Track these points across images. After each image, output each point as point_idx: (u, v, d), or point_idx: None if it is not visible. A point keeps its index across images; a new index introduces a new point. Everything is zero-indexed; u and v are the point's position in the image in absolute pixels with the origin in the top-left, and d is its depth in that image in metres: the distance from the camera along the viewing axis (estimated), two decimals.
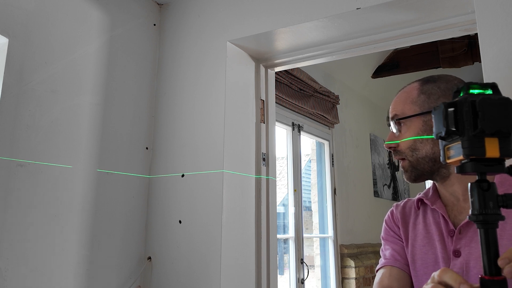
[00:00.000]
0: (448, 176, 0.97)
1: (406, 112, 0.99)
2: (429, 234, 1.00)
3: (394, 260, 1.06)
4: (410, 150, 0.98)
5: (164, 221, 1.82)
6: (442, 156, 0.71)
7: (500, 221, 0.67)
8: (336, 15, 1.62)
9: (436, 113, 0.69)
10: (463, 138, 0.65)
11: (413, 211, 1.07)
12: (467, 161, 0.66)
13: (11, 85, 1.38)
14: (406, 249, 1.06)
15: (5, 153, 1.34)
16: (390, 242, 1.10)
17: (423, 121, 0.98)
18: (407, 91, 1.03)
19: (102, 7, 1.74)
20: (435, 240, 0.98)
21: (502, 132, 0.63)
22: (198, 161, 1.80)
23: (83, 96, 1.63)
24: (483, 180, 0.66)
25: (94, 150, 1.65)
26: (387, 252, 1.09)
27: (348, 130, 4.05)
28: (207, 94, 1.85)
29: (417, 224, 1.04)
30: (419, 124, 0.98)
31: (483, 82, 0.70)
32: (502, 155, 0.64)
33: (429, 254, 0.98)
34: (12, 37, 1.40)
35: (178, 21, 2.01)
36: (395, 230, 1.10)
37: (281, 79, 2.92)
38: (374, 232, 4.25)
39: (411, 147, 0.98)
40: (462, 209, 0.97)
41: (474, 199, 0.66)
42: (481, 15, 1.36)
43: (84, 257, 1.56)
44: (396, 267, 1.05)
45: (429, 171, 0.98)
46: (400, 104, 1.02)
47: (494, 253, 0.65)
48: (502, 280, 0.63)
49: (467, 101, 0.65)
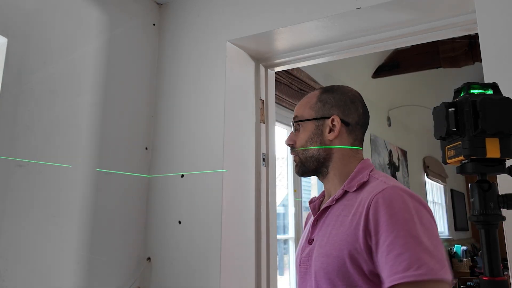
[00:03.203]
0: (327, 175, 1.11)
1: (304, 116, 1.13)
2: (306, 228, 1.15)
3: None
4: (302, 149, 1.12)
5: (163, 221, 1.82)
6: (443, 157, 0.71)
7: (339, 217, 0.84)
8: (336, 15, 1.62)
9: (437, 113, 0.69)
10: (464, 139, 0.65)
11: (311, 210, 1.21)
12: (468, 162, 0.65)
13: (10, 85, 1.37)
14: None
15: (4, 153, 1.34)
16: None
17: (316, 126, 1.11)
18: (308, 97, 1.17)
19: (101, 7, 1.74)
20: (306, 232, 1.12)
21: (503, 133, 0.63)
22: (197, 161, 1.80)
23: (82, 96, 1.63)
24: (483, 180, 0.66)
25: (93, 150, 1.64)
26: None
27: None
28: (207, 94, 1.84)
29: (307, 223, 1.19)
30: (313, 127, 1.11)
31: (484, 82, 0.69)
32: (503, 155, 0.63)
33: (300, 245, 1.12)
34: (11, 37, 1.39)
35: (178, 21, 2.01)
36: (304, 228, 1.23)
37: (281, 79, 2.92)
38: None
39: (303, 147, 1.12)
40: (325, 203, 1.10)
41: (474, 199, 0.66)
42: (481, 15, 1.36)
43: (83, 258, 1.56)
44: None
45: (313, 169, 1.12)
46: (301, 108, 1.15)
47: (495, 254, 0.64)
48: (503, 281, 0.63)
49: (468, 101, 0.65)
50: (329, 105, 1.11)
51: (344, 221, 0.97)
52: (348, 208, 0.99)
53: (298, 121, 1.13)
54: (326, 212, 1.06)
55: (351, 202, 1.00)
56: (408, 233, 0.85)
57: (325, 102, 1.12)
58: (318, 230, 1.05)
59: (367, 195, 0.96)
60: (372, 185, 1.00)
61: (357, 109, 1.11)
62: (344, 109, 1.10)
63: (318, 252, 0.99)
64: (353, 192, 1.02)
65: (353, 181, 1.05)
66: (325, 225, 1.03)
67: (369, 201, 0.93)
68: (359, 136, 1.12)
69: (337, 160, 1.09)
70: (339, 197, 1.04)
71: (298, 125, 1.13)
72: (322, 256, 0.97)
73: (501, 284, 0.62)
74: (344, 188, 1.04)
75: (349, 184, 1.04)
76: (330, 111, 1.10)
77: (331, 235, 0.98)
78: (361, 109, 1.12)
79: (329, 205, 1.05)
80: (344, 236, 0.94)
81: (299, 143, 1.12)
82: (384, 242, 0.87)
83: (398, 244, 0.85)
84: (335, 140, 1.09)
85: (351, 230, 0.93)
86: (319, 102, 1.12)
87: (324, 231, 1.02)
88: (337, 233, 0.96)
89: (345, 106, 1.10)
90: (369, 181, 1.03)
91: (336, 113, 1.09)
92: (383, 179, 1.00)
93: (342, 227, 0.96)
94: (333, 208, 1.04)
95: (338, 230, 0.97)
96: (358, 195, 1.00)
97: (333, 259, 0.93)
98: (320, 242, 1.01)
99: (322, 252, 0.97)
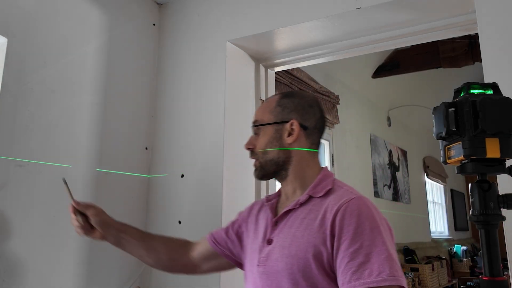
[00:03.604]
0: (286, 178, 1.14)
1: (264, 120, 1.15)
2: (257, 226, 1.18)
3: (210, 235, 1.30)
4: (262, 153, 1.13)
5: (163, 221, 1.81)
6: (443, 157, 0.71)
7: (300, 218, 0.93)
8: (336, 15, 1.62)
9: (437, 113, 0.69)
10: (464, 138, 0.65)
11: (257, 208, 1.24)
12: (468, 162, 0.65)
13: (10, 85, 1.37)
14: (241, 242, 1.24)
15: (4, 153, 1.34)
16: (228, 226, 1.29)
17: (275, 129, 1.13)
18: (268, 101, 1.19)
19: (101, 7, 1.74)
20: (259, 232, 1.15)
21: (503, 133, 0.63)
22: (198, 161, 1.80)
23: (82, 96, 1.63)
24: (483, 180, 0.66)
25: (93, 150, 1.64)
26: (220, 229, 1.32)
27: (348, 130, 4.05)
28: (207, 94, 1.84)
29: (252, 220, 1.22)
30: (272, 131, 1.13)
31: (484, 82, 0.69)
32: (503, 155, 0.63)
33: (254, 244, 1.15)
34: (11, 37, 1.39)
35: (178, 20, 2.01)
36: (239, 222, 1.27)
37: (281, 79, 2.92)
38: None
39: (263, 151, 1.13)
40: (285, 206, 1.12)
41: (474, 199, 0.66)
42: (481, 15, 1.36)
43: (83, 258, 1.56)
44: (207, 239, 1.30)
45: (273, 172, 1.14)
46: (261, 112, 1.17)
47: (495, 254, 0.64)
48: (503, 281, 0.63)
49: (468, 101, 0.65)
50: (288, 110, 1.14)
51: (310, 225, 1.02)
52: (314, 213, 1.04)
53: (258, 125, 1.15)
54: (288, 215, 1.09)
55: (317, 207, 1.05)
56: (372, 242, 0.92)
57: (284, 106, 1.14)
58: (278, 232, 1.08)
59: (334, 202, 1.02)
60: (338, 193, 1.06)
61: (315, 114, 1.15)
62: (302, 113, 1.13)
63: (282, 253, 1.03)
64: (318, 197, 1.07)
65: (318, 187, 1.09)
66: (287, 227, 1.07)
67: (337, 208, 0.99)
68: (316, 140, 1.16)
69: (296, 163, 1.12)
70: (303, 201, 1.08)
71: (258, 129, 1.15)
72: (286, 256, 1.01)
73: (501, 284, 0.62)
74: (308, 193, 1.08)
75: (314, 190, 1.08)
76: (289, 115, 1.13)
77: (296, 237, 1.02)
78: (318, 114, 1.16)
79: (292, 208, 1.09)
80: (311, 239, 0.99)
81: (259, 146, 1.14)
82: (347, 249, 0.93)
83: (363, 252, 0.91)
84: (293, 144, 1.12)
85: (318, 234, 0.99)
86: (278, 106, 1.15)
87: (287, 233, 1.06)
88: (303, 235, 1.01)
89: (304, 111, 1.13)
90: (334, 189, 1.08)
91: (294, 117, 1.12)
92: (348, 189, 1.07)
93: (308, 230, 1.01)
94: (297, 211, 1.08)
95: (303, 233, 1.02)
96: (324, 201, 1.05)
97: (298, 260, 0.98)
98: (283, 243, 1.04)
99: (286, 253, 1.02)
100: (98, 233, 1.26)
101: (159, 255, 1.31)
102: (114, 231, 1.27)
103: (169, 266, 1.35)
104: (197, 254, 1.32)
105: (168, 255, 1.32)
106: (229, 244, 1.27)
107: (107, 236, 1.27)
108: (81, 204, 1.25)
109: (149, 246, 1.30)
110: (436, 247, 5.86)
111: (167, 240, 1.34)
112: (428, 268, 4.54)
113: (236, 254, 1.27)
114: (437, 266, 4.85)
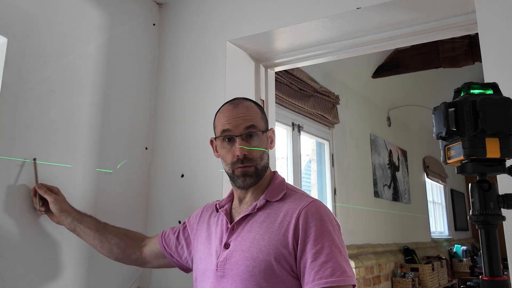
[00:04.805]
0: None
1: (260, 126, 1.17)
2: (209, 232, 1.20)
3: (161, 236, 1.36)
4: (260, 158, 1.15)
5: (163, 221, 1.81)
6: (443, 157, 0.71)
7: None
8: (336, 15, 1.62)
9: (437, 113, 0.69)
10: (464, 138, 0.65)
11: (208, 214, 1.27)
12: (468, 162, 0.65)
13: (10, 85, 1.37)
14: (189, 247, 1.29)
15: (4, 153, 1.34)
16: (179, 227, 1.35)
17: (265, 136, 1.19)
18: (254, 109, 1.20)
19: (101, 7, 1.74)
20: (214, 237, 1.17)
21: (503, 133, 0.63)
22: (197, 161, 1.80)
23: (82, 96, 1.63)
24: (483, 180, 0.66)
25: (93, 150, 1.64)
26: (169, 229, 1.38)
27: (348, 130, 4.05)
28: (207, 94, 1.84)
29: (202, 226, 1.25)
30: (264, 138, 1.18)
31: (484, 82, 0.69)
32: (502, 155, 0.63)
33: (208, 249, 1.17)
34: (11, 37, 1.39)
35: (178, 20, 2.01)
36: (189, 228, 1.31)
37: (281, 79, 2.92)
38: (374, 232, 4.24)
39: (260, 156, 1.15)
40: (241, 211, 1.16)
41: (474, 199, 0.66)
42: (481, 15, 1.36)
43: (83, 257, 1.56)
44: (157, 239, 1.37)
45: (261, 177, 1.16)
46: (256, 118, 1.18)
47: (495, 254, 0.64)
48: (503, 281, 0.63)
49: (468, 101, 0.65)
50: (265, 118, 1.22)
51: (270, 228, 1.06)
52: (272, 216, 1.08)
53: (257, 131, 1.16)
54: (246, 219, 1.12)
55: (274, 211, 1.09)
56: (332, 243, 0.99)
57: (264, 114, 1.22)
58: (236, 236, 1.11)
59: (294, 206, 1.07)
60: (295, 197, 1.11)
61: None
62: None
63: (242, 256, 1.05)
64: (275, 201, 1.11)
65: (274, 191, 1.13)
66: (245, 231, 1.10)
67: (298, 212, 1.04)
68: None
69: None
70: (261, 206, 1.11)
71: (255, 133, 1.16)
72: (247, 259, 1.04)
73: (501, 284, 0.62)
74: (265, 198, 1.12)
75: (271, 194, 1.12)
76: (267, 123, 1.22)
77: (256, 239, 1.06)
78: None
79: (250, 213, 1.12)
80: (272, 242, 1.03)
81: (257, 152, 1.14)
82: (310, 250, 0.99)
83: (324, 252, 0.97)
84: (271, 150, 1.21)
85: (279, 237, 1.03)
86: (262, 114, 1.21)
87: (245, 237, 1.09)
88: (263, 238, 1.05)
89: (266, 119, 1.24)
90: (288, 193, 1.13)
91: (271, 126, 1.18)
92: (303, 192, 1.14)
93: (268, 234, 1.05)
94: (255, 216, 1.11)
95: (264, 236, 1.05)
96: (281, 205, 1.09)
97: (260, 262, 1.02)
98: (242, 247, 1.07)
99: (247, 256, 1.04)
100: (55, 217, 1.37)
101: (112, 247, 1.37)
102: (70, 219, 1.35)
103: (121, 259, 1.40)
104: (148, 251, 1.38)
105: (120, 248, 1.37)
106: (179, 248, 1.31)
107: (62, 222, 1.37)
108: (43, 188, 1.35)
109: (102, 237, 1.37)
110: (436, 247, 5.86)
111: (122, 234, 1.40)
112: (428, 268, 4.54)
113: (183, 258, 1.32)
114: (437, 266, 4.85)
